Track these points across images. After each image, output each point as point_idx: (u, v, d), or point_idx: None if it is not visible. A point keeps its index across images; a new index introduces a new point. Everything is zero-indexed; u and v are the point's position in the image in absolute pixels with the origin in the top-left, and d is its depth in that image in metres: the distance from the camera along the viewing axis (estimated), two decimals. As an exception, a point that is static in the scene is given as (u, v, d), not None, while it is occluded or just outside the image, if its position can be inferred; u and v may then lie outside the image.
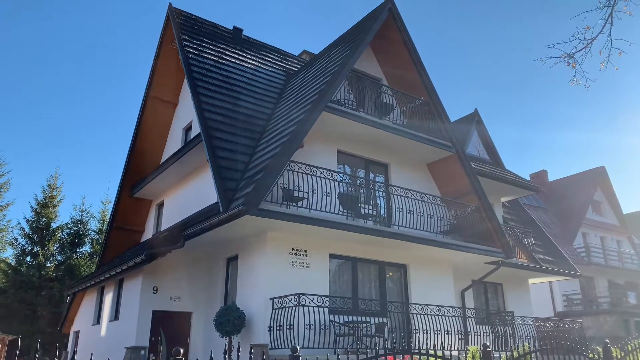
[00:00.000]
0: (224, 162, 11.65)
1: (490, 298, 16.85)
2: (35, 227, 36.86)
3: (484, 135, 18.66)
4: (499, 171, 17.53)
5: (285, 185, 10.99)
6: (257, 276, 11.30)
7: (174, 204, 16.49)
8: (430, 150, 14.06)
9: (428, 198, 13.24)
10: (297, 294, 10.04)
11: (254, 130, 13.57)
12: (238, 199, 10.43)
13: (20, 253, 36.29)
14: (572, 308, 29.34)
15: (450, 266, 14.45)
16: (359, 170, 13.89)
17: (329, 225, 10.96)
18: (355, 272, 12.67)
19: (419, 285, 13.52)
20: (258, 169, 11.01)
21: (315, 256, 11.83)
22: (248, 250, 11.87)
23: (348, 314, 11.34)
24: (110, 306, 14.35)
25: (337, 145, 13.23)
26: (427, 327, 11.74)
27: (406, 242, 12.47)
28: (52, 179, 38.86)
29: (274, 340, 10.16)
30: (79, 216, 38.95)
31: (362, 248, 12.61)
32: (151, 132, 17.78)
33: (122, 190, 18.00)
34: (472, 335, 12.86)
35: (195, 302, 13.02)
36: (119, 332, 13.24)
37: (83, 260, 37.37)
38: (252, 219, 10.30)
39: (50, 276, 35.58)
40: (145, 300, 12.30)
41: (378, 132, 12.97)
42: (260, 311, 10.83)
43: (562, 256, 18.34)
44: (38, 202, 37.65)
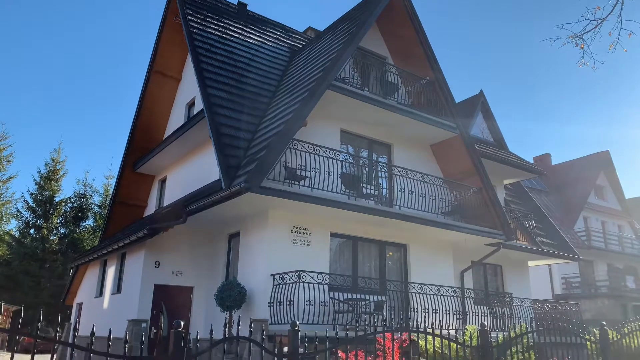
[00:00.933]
0: (227, 139, 11.62)
1: (489, 279, 16.97)
2: (39, 200, 37.14)
3: (488, 117, 18.53)
4: (503, 153, 17.47)
5: (288, 163, 10.99)
6: (258, 253, 11.39)
7: (177, 180, 16.53)
8: (434, 131, 13.98)
9: (430, 179, 13.23)
10: (297, 271, 10.13)
11: (258, 108, 13.49)
12: (240, 177, 10.43)
13: (24, 226, 36.65)
14: (570, 291, 29.56)
15: (451, 247, 14.53)
16: (362, 151, 13.86)
17: (331, 204, 10.99)
18: (355, 251, 12.76)
19: (418, 265, 13.61)
20: (261, 146, 10.98)
21: (317, 234, 11.90)
22: (250, 227, 11.94)
23: (348, 291, 11.48)
24: (112, 279, 14.52)
25: (341, 125, 13.17)
26: (426, 307, 11.87)
27: (407, 222, 12.50)
28: (56, 153, 38.98)
29: (274, 316, 10.30)
30: (82, 190, 39.20)
31: (363, 227, 12.66)
32: (154, 108, 17.71)
33: (125, 165, 18.04)
34: (470, 315, 13.03)
35: (196, 277, 13.16)
36: (121, 305, 13.43)
37: (86, 234, 37.72)
38: (254, 197, 10.33)
39: (54, 249, 35.99)
40: (148, 274, 12.44)
41: (382, 111, 12.89)
42: (261, 287, 10.95)
43: (562, 239, 18.40)
44: (41, 176, 37.85)
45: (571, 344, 8.46)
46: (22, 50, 75.61)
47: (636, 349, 8.42)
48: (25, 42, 75.99)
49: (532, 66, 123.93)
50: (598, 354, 7.76)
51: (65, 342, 4.35)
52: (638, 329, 8.81)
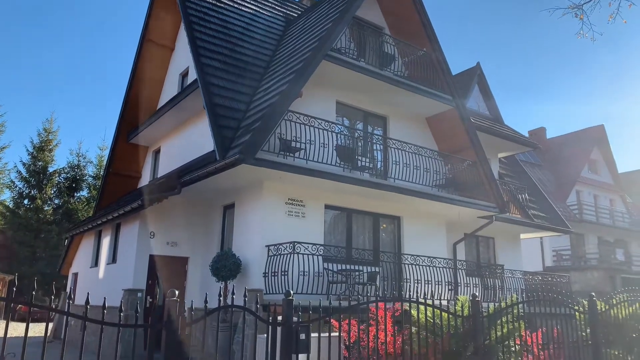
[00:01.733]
0: (221, 109, 11.51)
1: (481, 251, 17.18)
2: (32, 170, 36.92)
3: (485, 90, 18.42)
4: (498, 126, 17.44)
5: (283, 135, 10.92)
6: (253, 224, 11.43)
7: (171, 150, 16.43)
8: (430, 103, 13.90)
9: (425, 152, 13.22)
10: (292, 242, 10.20)
11: (252, 78, 13.32)
12: (235, 148, 10.38)
13: (18, 196, 36.53)
14: (560, 263, 29.99)
15: (444, 219, 14.64)
16: (357, 123, 13.78)
17: (326, 176, 10.99)
18: (350, 223, 12.83)
19: (412, 237, 13.73)
20: (255, 117, 10.89)
21: (311, 206, 11.94)
22: (244, 199, 11.95)
23: (341, 262, 11.59)
24: (107, 250, 14.57)
25: (336, 96, 13.06)
26: (418, 277, 12.05)
27: (401, 195, 12.55)
28: (48, 123, 38.59)
29: (269, 286, 10.41)
30: (75, 161, 38.98)
31: (357, 200, 12.71)
32: (147, 77, 17.45)
33: (118, 136, 17.89)
34: (462, 286, 13.22)
35: (191, 248, 13.23)
36: (117, 275, 13.51)
37: (80, 204, 37.67)
38: (249, 168, 10.30)
39: (48, 219, 35.97)
40: (142, 244, 12.48)
41: (378, 83, 12.77)
42: (255, 258, 11.04)
43: (555, 213, 18.58)
44: (34, 146, 37.53)
45: (560, 315, 8.64)
46: (11, 16, 73.85)
47: (623, 320, 8.61)
48: (16, 10, 74.18)
49: (531, 39, 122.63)
50: (586, 324, 7.92)
51: (61, 310, 4.36)
52: (626, 300, 8.99)
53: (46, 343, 3.89)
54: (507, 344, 6.43)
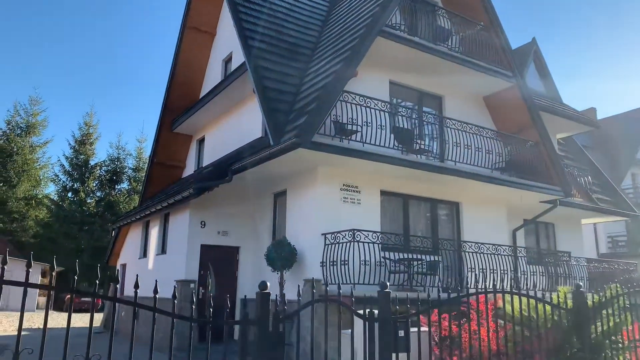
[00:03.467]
0: (272, 92, 11.00)
1: (541, 238, 16.25)
2: (75, 164, 37.68)
3: (541, 67, 17.33)
4: (559, 105, 16.38)
5: (338, 117, 10.33)
6: (307, 212, 10.94)
7: (216, 139, 16.12)
8: (489, 80, 13.05)
9: (486, 132, 12.41)
10: (351, 230, 9.66)
11: (300, 60, 12.76)
12: (289, 132, 9.86)
13: (62, 189, 37.39)
14: (616, 250, 28.54)
15: (504, 204, 13.81)
16: (413, 106, 13.06)
17: (384, 160, 10.36)
18: (406, 210, 12.19)
19: (471, 224, 12.99)
20: (309, 99, 10.34)
21: (367, 192, 11.36)
22: (297, 186, 11.46)
23: (400, 251, 10.99)
24: (156, 240, 14.39)
25: (390, 76, 12.37)
26: (482, 266, 11.34)
27: (460, 179, 11.81)
28: (88, 117, 39.29)
29: (327, 276, 9.92)
30: (115, 154, 39.58)
31: (414, 185, 12.05)
32: (190, 65, 17.15)
33: (161, 125, 17.70)
34: (528, 275, 12.44)
35: (241, 237, 12.87)
36: (167, 266, 13.31)
37: (121, 196, 38.25)
38: (304, 153, 9.77)
39: (92, 212, 36.67)
40: (194, 234, 12.19)
41: (434, 60, 12.02)
42: (311, 246, 10.55)
43: (618, 196, 17.42)
44: (76, 140, 38.27)
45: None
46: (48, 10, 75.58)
47: None
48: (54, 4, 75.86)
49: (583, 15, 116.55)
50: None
51: (105, 296, 3.98)
52: None
53: (94, 333, 3.54)
54: (615, 339, 5.74)
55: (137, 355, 3.55)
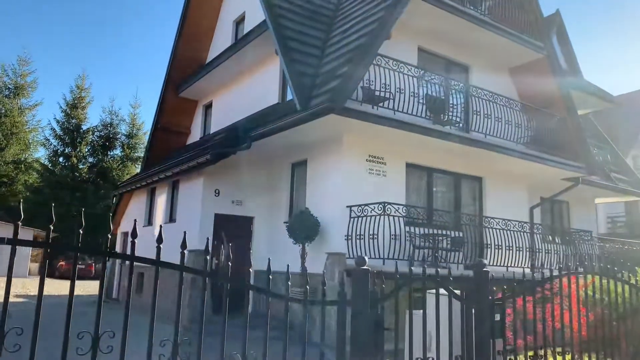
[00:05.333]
0: (297, 54, 10.31)
1: (555, 216, 15.97)
2: (66, 128, 36.51)
3: (563, 40, 16.73)
4: (580, 81, 15.88)
5: (367, 83, 9.70)
6: (331, 183, 10.40)
7: (225, 104, 15.39)
8: (519, 50, 12.46)
9: (515, 105, 11.89)
10: (382, 203, 9.18)
11: (322, 21, 12.04)
12: (318, 96, 9.24)
13: (53, 154, 36.28)
14: (615, 230, 28.62)
15: (526, 181, 13.43)
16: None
17: (417, 130, 9.83)
18: (430, 184, 11.73)
19: (493, 200, 12.60)
20: (339, 62, 9.69)
21: (392, 164, 10.84)
22: (320, 155, 10.88)
23: (424, 226, 10.57)
24: (164, 208, 13.79)
25: (418, 42, 11.72)
26: (501, 243, 11.00)
27: (485, 152, 11.32)
28: (80, 80, 37.91)
29: (353, 250, 9.46)
30: (108, 119, 38.44)
31: (439, 158, 11.56)
32: (198, 25, 16.26)
33: (166, 89, 16.88)
34: (543, 253, 12.15)
35: (256, 207, 12.32)
36: (176, 234, 12.71)
37: (115, 163, 37.31)
38: (333, 119, 9.17)
39: (84, 178, 35.74)
40: (208, 202, 11.62)
41: (465, 25, 11.35)
42: (334, 219, 10.06)
43: (633, 175, 17.15)
44: (67, 103, 36.99)
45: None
46: (35, -28, 72.36)
47: None
48: (38, -36, 72.57)
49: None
50: None
51: (124, 255, 3.35)
52: None
53: (93, 303, 2.93)
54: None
55: (146, 326, 2.95)
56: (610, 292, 4.80)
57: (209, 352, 3.14)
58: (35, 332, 2.62)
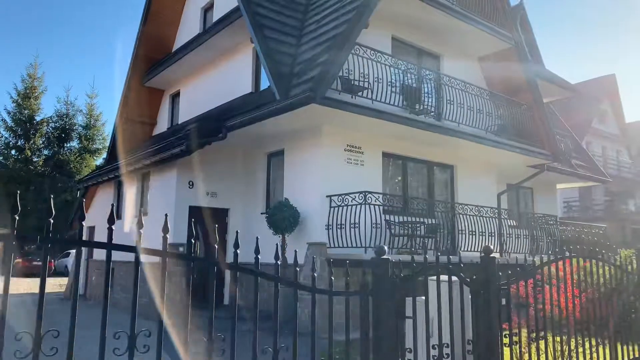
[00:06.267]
0: (273, 43, 10.16)
1: (520, 202, 16.54)
2: (18, 119, 34.72)
3: (526, 30, 17.19)
4: (547, 72, 16.40)
5: (345, 72, 9.68)
6: (310, 173, 10.37)
7: (194, 94, 15.04)
8: (489, 40, 12.74)
9: (485, 94, 12.17)
10: (363, 192, 9.23)
11: (296, 9, 11.91)
12: (297, 86, 9.16)
13: (4, 146, 34.47)
14: (570, 214, 29.95)
15: (494, 168, 13.82)
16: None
17: (395, 119, 9.91)
18: (405, 172, 11.89)
19: (465, 187, 12.92)
20: (317, 51, 9.62)
21: (369, 154, 10.92)
22: (297, 145, 10.82)
23: (399, 214, 10.71)
24: (134, 201, 13.40)
25: (392, 31, 11.77)
26: (473, 229, 11.32)
27: (459, 140, 11.56)
28: (32, 68, 36.02)
29: (333, 239, 9.50)
30: (64, 109, 36.80)
31: (413, 147, 11.71)
32: (163, 13, 15.79)
33: (131, 79, 16.31)
34: (513, 238, 12.58)
35: (231, 198, 12.16)
36: (149, 228, 12.29)
37: (72, 155, 35.84)
38: (313, 109, 9.11)
39: (39, 171, 34.18)
40: (181, 195, 11.36)
41: (438, 15, 11.48)
42: (314, 209, 10.06)
43: (591, 162, 17.93)
44: (18, 93, 35.13)
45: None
46: (-24, -46, 68.08)
47: None
48: (-21, -55, 68.26)
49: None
50: None
51: (96, 243, 2.98)
52: None
53: (60, 299, 2.66)
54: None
55: (120, 323, 2.58)
56: (598, 274, 5.03)
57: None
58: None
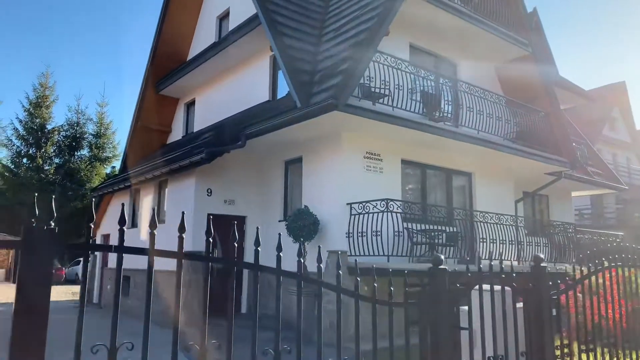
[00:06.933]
0: (294, 51, 10.18)
1: (535, 210, 16.42)
2: (30, 128, 35.01)
3: (540, 38, 17.18)
4: (560, 78, 16.35)
5: (366, 79, 9.67)
6: (329, 180, 10.33)
7: (209, 102, 15.09)
8: (506, 47, 12.72)
9: (504, 101, 12.12)
10: (385, 199, 9.18)
11: (313, 18, 11.94)
12: (319, 93, 9.15)
13: (16, 155, 34.73)
14: (582, 222, 29.68)
15: (512, 176, 13.73)
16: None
17: (416, 126, 9.89)
18: (424, 180, 11.83)
19: (483, 195, 12.83)
20: (337, 59, 9.62)
21: (388, 161, 10.87)
22: (316, 153, 10.79)
23: (421, 222, 10.65)
24: (150, 209, 13.39)
25: (410, 38, 11.77)
26: (493, 237, 11.23)
27: (476, 147, 11.48)
28: (44, 77, 36.39)
29: (354, 247, 9.43)
30: (75, 118, 37.06)
31: (431, 154, 11.66)
32: (179, 21, 15.85)
33: (146, 86, 16.40)
34: (533, 246, 12.46)
35: (248, 206, 12.13)
36: (165, 236, 12.38)
37: (82, 164, 36.03)
38: (334, 116, 9.10)
39: (50, 179, 34.35)
40: (200, 202, 11.35)
41: (457, 22, 11.50)
42: (334, 216, 10.01)
43: (607, 169, 17.80)
44: (30, 102, 35.47)
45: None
46: (-12, -35, 69.02)
47: None
48: (-9, -44, 69.24)
49: None
50: None
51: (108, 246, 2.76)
52: None
53: (73, 307, 2.55)
54: None
55: (139, 330, 2.45)
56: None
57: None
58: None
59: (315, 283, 3.20)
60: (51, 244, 2.09)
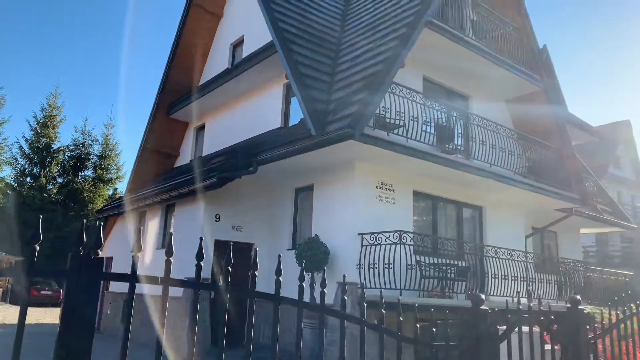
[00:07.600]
0: (309, 80, 10.21)
1: (544, 246, 16.22)
2: (35, 147, 35.04)
3: (550, 74, 17.29)
4: (570, 115, 16.40)
5: (381, 110, 9.65)
6: (341, 210, 10.20)
7: (220, 127, 15.10)
8: (518, 82, 12.77)
9: (517, 136, 12.09)
10: (398, 231, 9.03)
11: (328, 48, 12.03)
12: (334, 122, 9.11)
13: (20, 173, 34.65)
14: (587, 259, 29.34)
15: (522, 211, 13.60)
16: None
17: (430, 158, 9.82)
18: (435, 212, 11.71)
19: (493, 229, 12.68)
20: (352, 89, 9.63)
21: (400, 192, 10.77)
22: (328, 181, 10.70)
23: (431, 255, 10.48)
24: (156, 233, 13.24)
25: (423, 71, 11.83)
26: (507, 273, 11.05)
27: (487, 180, 11.39)
28: (52, 98, 36.64)
29: (364, 279, 9.24)
30: (81, 139, 37.13)
31: (443, 186, 11.57)
32: (193, 46, 16.01)
33: (157, 109, 16.45)
34: (537, 283, 12.25)
35: (256, 233, 11.96)
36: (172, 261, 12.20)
37: (86, 184, 35.92)
38: (348, 146, 9.05)
39: (53, 199, 34.21)
40: (208, 228, 11.20)
41: (470, 56, 11.55)
42: (345, 247, 9.85)
43: (615, 207, 17.67)
44: (38, 121, 35.61)
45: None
46: (4, -13, 70.57)
47: None
48: (7, -21, 70.88)
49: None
50: None
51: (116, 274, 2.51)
52: None
53: None
54: None
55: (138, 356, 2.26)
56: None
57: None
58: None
59: (318, 309, 3.03)
60: (97, 273, 2.01)
